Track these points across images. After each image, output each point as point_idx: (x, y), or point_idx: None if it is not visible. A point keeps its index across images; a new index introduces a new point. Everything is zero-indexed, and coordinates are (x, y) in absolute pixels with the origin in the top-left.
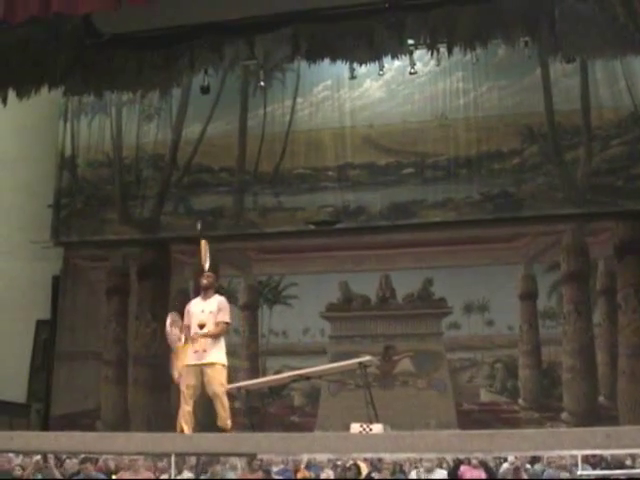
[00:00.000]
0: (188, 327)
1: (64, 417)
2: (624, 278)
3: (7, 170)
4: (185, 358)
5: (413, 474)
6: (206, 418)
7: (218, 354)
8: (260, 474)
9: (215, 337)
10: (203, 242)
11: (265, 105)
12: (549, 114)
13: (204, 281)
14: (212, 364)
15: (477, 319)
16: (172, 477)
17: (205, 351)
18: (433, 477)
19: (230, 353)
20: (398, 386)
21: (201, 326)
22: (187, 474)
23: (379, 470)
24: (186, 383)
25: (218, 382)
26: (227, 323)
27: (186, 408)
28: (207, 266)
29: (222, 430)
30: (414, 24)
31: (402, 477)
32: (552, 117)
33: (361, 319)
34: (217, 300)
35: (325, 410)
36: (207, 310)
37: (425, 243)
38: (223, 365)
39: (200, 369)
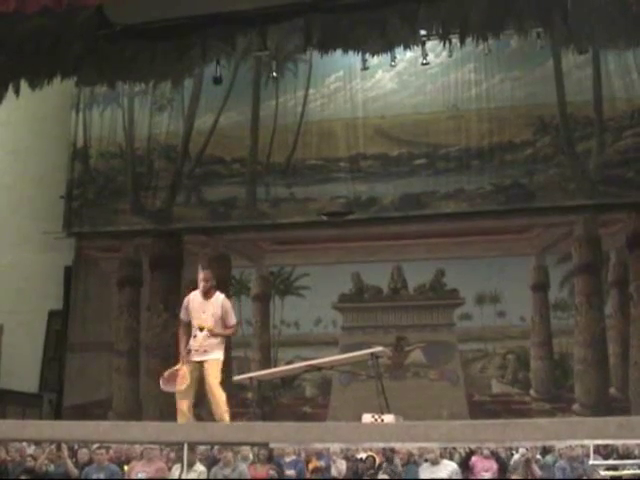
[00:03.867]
0: (188, 324)
1: (76, 407)
2: (636, 269)
3: (19, 161)
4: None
5: (426, 465)
6: None
7: (217, 352)
8: (271, 466)
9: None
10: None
11: (277, 96)
12: (561, 105)
13: (205, 284)
14: (209, 360)
15: (489, 310)
16: (184, 467)
17: (206, 351)
18: (438, 468)
19: (242, 344)
20: (410, 377)
21: (201, 329)
22: (199, 465)
23: (391, 461)
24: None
25: (213, 375)
26: (235, 324)
27: (182, 406)
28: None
29: None
30: (426, 15)
31: (414, 467)
32: (564, 108)
33: (373, 310)
34: (220, 301)
35: (336, 401)
36: (209, 312)
37: (437, 234)
38: (218, 359)
39: (199, 364)
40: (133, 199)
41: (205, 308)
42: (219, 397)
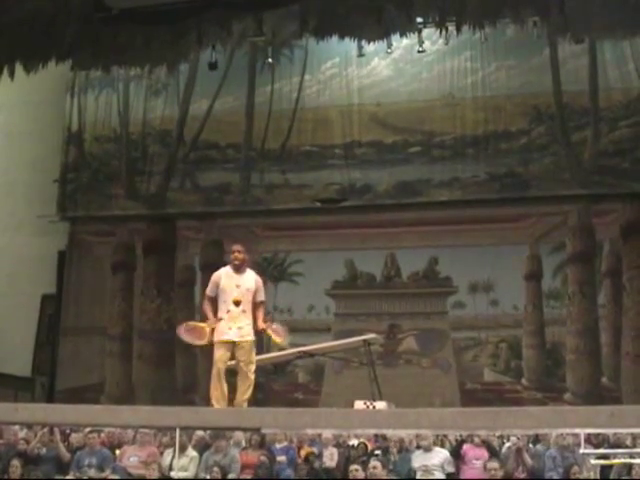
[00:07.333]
0: (214, 299)
1: (69, 391)
2: (629, 260)
3: (13, 144)
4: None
5: (418, 452)
6: None
7: (251, 331)
8: (263, 452)
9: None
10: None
11: (273, 82)
12: (557, 94)
13: (239, 256)
14: (247, 341)
15: (482, 298)
16: (176, 452)
17: (241, 328)
18: (431, 455)
19: None
20: (402, 364)
21: (237, 302)
22: (191, 451)
23: (382, 447)
24: (221, 359)
25: (249, 359)
26: (265, 301)
27: (222, 385)
28: None
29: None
30: (423, 2)
31: (407, 455)
32: (560, 98)
33: (366, 297)
34: (253, 277)
35: (329, 387)
36: (243, 287)
37: (431, 222)
38: (254, 341)
39: (233, 345)
40: (127, 184)
41: (239, 282)
42: (251, 382)
